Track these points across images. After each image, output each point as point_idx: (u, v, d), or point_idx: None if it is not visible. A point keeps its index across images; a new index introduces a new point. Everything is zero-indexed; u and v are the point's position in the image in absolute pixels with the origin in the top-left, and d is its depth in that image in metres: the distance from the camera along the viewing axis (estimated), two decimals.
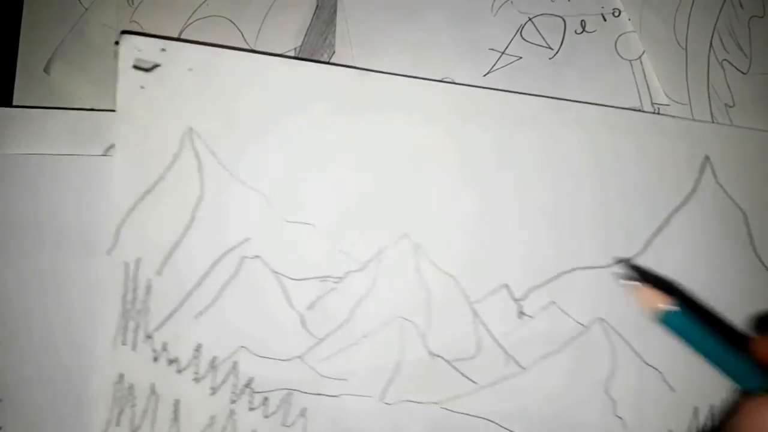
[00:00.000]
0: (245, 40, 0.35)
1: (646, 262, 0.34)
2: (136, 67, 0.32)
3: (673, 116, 0.35)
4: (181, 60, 0.33)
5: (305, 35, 0.35)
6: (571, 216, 0.34)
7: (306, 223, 0.33)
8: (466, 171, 0.34)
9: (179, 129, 0.32)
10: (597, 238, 0.34)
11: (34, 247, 0.32)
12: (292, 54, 0.35)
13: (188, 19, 0.35)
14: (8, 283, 0.32)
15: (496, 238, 0.34)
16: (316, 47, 0.35)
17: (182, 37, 0.35)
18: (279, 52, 0.35)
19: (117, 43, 0.32)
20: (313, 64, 0.34)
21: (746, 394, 0.26)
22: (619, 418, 0.34)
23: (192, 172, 0.32)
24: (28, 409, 0.32)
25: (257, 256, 0.33)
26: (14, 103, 0.34)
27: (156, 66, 0.32)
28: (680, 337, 0.27)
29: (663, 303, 0.27)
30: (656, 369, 0.34)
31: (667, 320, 0.27)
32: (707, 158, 0.35)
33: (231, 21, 0.35)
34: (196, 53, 0.33)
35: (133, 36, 0.32)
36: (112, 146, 0.33)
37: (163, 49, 0.32)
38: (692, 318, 0.27)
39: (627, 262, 0.33)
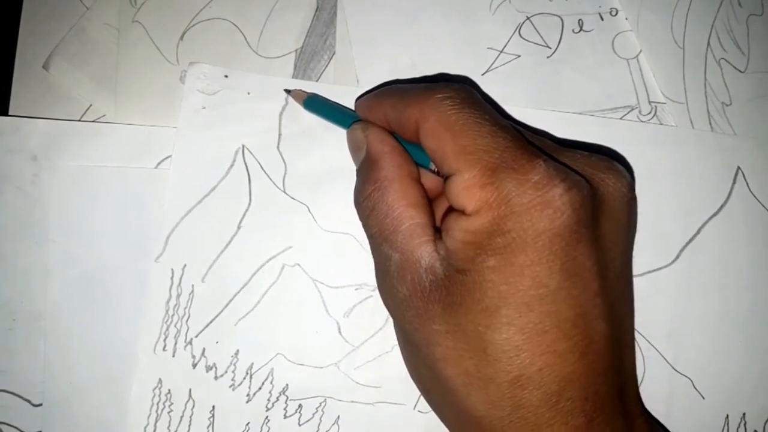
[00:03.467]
0: (248, 42, 0.35)
1: (679, 271, 0.34)
2: (199, 90, 0.34)
3: (703, 130, 0.35)
4: (241, 85, 0.34)
5: (306, 37, 0.36)
6: None
7: (344, 233, 0.34)
8: None
9: (233, 145, 0.34)
10: None
11: (85, 253, 0.34)
12: (293, 56, 0.36)
13: (191, 21, 0.36)
14: (58, 287, 0.34)
15: None
16: (316, 49, 0.36)
17: (185, 39, 0.35)
18: (280, 54, 0.35)
19: (184, 71, 0.35)
20: (353, 88, 0.35)
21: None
22: None
23: (242, 184, 0.34)
24: (67, 414, 0.33)
25: (297, 264, 0.34)
26: (12, 99, 0.35)
27: (218, 90, 0.34)
28: (321, 115, 0.33)
29: (304, 94, 0.34)
30: (686, 376, 0.34)
31: (308, 105, 0.33)
32: (739, 169, 0.35)
33: (233, 24, 0.36)
34: (255, 79, 0.35)
35: (200, 64, 0.35)
36: (164, 160, 0.34)
37: (226, 76, 0.34)
38: (323, 100, 0.34)
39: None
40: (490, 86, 0.35)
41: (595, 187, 0.25)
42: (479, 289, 0.23)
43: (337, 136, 0.34)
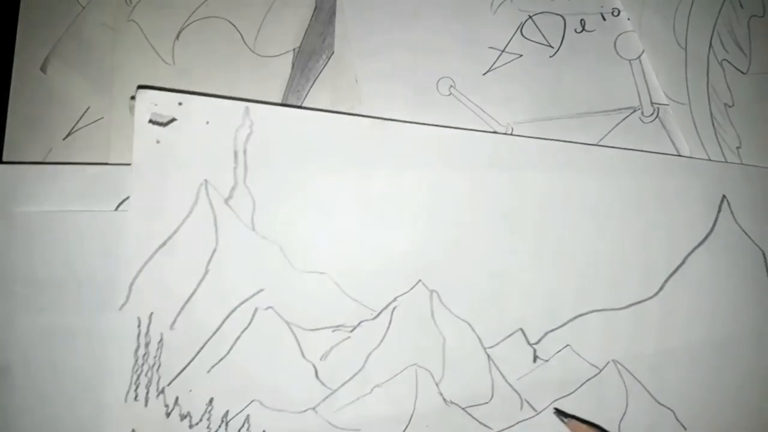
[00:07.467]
0: (244, 41, 0.35)
1: (663, 302, 0.34)
2: (152, 121, 0.32)
3: (690, 157, 0.35)
4: (198, 113, 0.32)
5: (304, 36, 0.35)
6: (588, 259, 0.34)
7: (319, 273, 0.33)
8: (480, 215, 0.34)
9: (195, 182, 0.32)
10: (613, 280, 0.34)
11: (48, 303, 0.32)
12: (290, 55, 0.35)
13: (187, 20, 0.35)
14: (23, 339, 0.32)
15: (511, 282, 0.34)
16: (314, 48, 0.35)
17: (180, 38, 0.35)
18: (278, 53, 0.35)
19: (133, 97, 0.32)
20: (329, 114, 0.34)
21: None
22: None
23: (207, 224, 0.32)
24: None
25: (270, 307, 0.33)
26: (11, 103, 0.34)
27: (172, 120, 0.32)
28: None
29: None
30: (669, 408, 0.34)
31: None
32: (725, 198, 0.35)
33: (230, 22, 0.35)
34: (212, 106, 0.32)
35: (149, 91, 0.32)
36: (125, 201, 0.33)
37: (180, 103, 0.32)
38: None
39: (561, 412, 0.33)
40: (491, 86, 0.35)
41: None
42: None
43: (310, 168, 0.33)
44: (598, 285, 0.34)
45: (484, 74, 0.35)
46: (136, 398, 0.32)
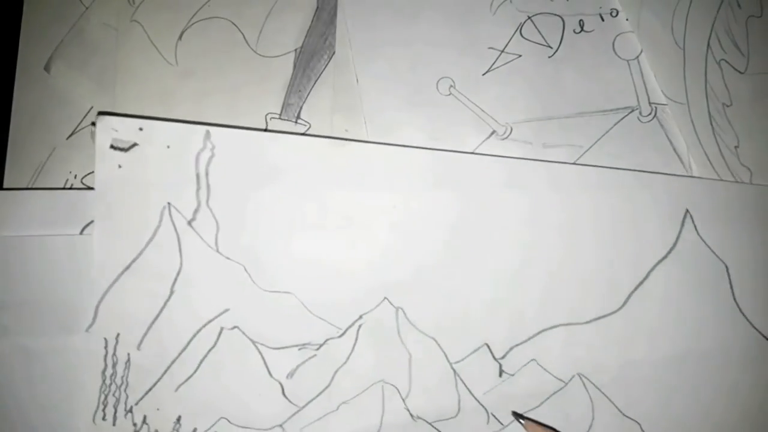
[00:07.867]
0: (246, 41, 0.35)
1: (627, 316, 0.34)
2: (113, 147, 0.32)
3: (653, 172, 0.35)
4: (159, 138, 0.33)
5: (305, 36, 0.35)
6: (552, 274, 0.34)
7: (284, 292, 0.33)
8: (444, 233, 0.34)
9: (158, 205, 0.33)
10: (578, 295, 0.34)
11: (15, 325, 0.33)
12: (292, 55, 0.35)
13: (189, 20, 0.35)
14: None
15: (477, 298, 0.34)
16: (316, 48, 0.35)
17: (183, 38, 0.35)
18: (280, 54, 0.35)
19: (94, 123, 0.32)
20: (290, 135, 0.34)
21: None
22: None
23: (171, 246, 0.33)
24: None
25: (236, 327, 0.33)
26: (15, 102, 0.35)
27: (134, 145, 0.32)
28: None
29: None
30: (635, 421, 0.34)
31: None
32: (687, 212, 0.35)
33: (232, 22, 0.35)
34: (173, 131, 0.33)
35: (110, 117, 0.32)
36: (89, 224, 0.33)
37: (141, 129, 0.33)
38: None
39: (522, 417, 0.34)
40: (491, 86, 0.35)
41: None
42: None
43: (273, 188, 0.33)
44: (563, 299, 0.34)
45: (483, 74, 0.35)
46: (104, 418, 0.33)
